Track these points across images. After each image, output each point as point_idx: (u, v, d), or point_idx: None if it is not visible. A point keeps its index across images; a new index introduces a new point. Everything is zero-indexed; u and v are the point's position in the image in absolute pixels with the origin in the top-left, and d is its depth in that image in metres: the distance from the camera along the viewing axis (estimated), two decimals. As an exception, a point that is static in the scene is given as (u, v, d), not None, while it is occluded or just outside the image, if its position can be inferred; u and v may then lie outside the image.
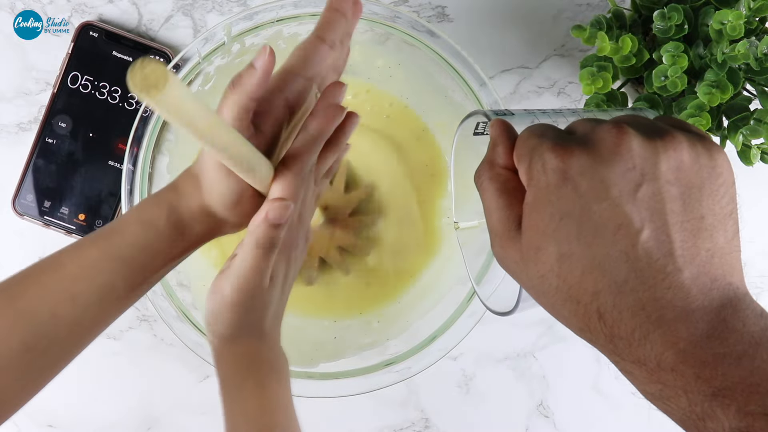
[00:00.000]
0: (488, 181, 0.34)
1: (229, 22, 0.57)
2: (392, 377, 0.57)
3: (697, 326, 0.28)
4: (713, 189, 0.30)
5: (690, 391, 0.27)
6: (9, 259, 0.65)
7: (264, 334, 0.44)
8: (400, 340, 0.60)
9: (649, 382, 0.29)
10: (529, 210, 0.32)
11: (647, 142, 0.30)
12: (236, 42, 0.57)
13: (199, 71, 0.58)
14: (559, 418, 0.66)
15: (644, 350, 0.29)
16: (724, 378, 0.27)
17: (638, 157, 0.29)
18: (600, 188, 0.30)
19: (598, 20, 0.53)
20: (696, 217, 0.29)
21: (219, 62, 0.58)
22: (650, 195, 0.29)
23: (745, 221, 0.67)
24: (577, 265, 0.30)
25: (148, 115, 0.57)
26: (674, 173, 0.30)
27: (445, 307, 0.59)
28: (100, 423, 0.65)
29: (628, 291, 0.29)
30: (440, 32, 0.58)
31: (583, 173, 0.30)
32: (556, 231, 0.30)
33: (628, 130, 0.30)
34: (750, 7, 0.50)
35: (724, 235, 0.30)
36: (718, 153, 0.31)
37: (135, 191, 0.56)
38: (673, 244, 0.29)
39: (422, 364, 0.57)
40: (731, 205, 0.30)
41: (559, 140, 0.31)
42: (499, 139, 0.34)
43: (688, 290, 0.29)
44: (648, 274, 0.29)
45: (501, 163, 0.34)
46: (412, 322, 0.62)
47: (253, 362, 0.43)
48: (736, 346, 0.27)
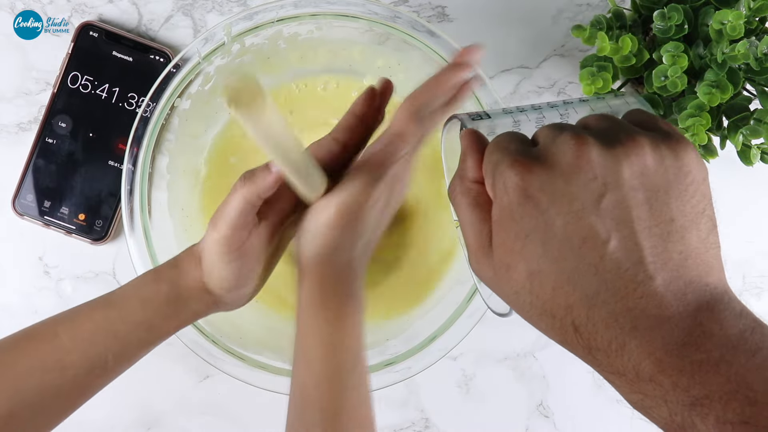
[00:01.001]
0: (460, 196, 0.34)
1: (229, 22, 0.57)
2: (392, 377, 0.57)
3: (673, 333, 0.27)
4: (681, 189, 0.29)
5: (669, 401, 0.27)
6: (9, 259, 0.65)
7: (353, 260, 0.44)
8: (400, 340, 0.60)
9: (631, 392, 0.28)
10: (496, 228, 0.31)
11: (607, 150, 0.29)
12: (236, 42, 0.57)
13: (199, 71, 0.58)
14: (559, 418, 0.66)
15: (622, 361, 0.28)
16: (702, 386, 0.26)
17: (599, 166, 0.29)
18: (562, 203, 0.29)
19: (598, 20, 0.53)
20: (665, 220, 0.29)
21: (219, 62, 0.58)
22: (614, 204, 0.29)
23: (746, 221, 0.67)
24: (548, 282, 0.30)
25: (148, 115, 0.57)
26: (638, 178, 0.29)
27: (445, 307, 0.59)
28: (99, 423, 0.65)
29: (600, 303, 0.28)
30: (440, 32, 0.58)
31: (543, 189, 0.29)
32: (523, 249, 0.30)
33: (587, 140, 0.29)
34: (750, 7, 0.50)
35: (697, 234, 0.29)
36: (685, 151, 0.30)
37: (135, 191, 0.56)
38: (643, 251, 0.28)
39: (422, 364, 0.57)
40: (703, 203, 0.30)
41: (520, 156, 0.30)
42: (469, 152, 0.34)
43: (662, 297, 0.28)
44: (619, 285, 0.28)
45: (471, 177, 0.34)
46: (412, 322, 0.62)
47: (338, 287, 0.43)
48: (713, 352, 0.27)
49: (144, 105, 0.57)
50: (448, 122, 0.39)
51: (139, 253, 0.57)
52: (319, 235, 0.43)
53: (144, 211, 0.57)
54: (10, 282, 0.65)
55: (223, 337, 0.57)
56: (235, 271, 0.43)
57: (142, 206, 0.57)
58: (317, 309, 0.42)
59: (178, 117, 0.59)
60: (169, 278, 0.44)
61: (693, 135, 0.51)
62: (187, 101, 0.59)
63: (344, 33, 0.60)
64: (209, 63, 0.58)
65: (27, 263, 0.65)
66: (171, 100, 0.57)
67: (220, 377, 0.59)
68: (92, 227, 0.63)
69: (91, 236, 0.63)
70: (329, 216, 0.42)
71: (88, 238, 0.63)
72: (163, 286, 0.44)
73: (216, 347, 0.57)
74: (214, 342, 0.57)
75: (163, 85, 0.57)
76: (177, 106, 0.58)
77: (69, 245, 0.64)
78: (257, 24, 0.57)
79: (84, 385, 0.42)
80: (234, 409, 0.65)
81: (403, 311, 0.63)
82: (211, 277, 0.44)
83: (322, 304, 0.42)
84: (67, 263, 0.64)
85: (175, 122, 0.59)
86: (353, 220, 0.42)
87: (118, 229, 0.64)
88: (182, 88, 0.57)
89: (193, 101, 0.59)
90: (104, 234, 0.63)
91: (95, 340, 0.42)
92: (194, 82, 0.58)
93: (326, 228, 0.42)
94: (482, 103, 0.57)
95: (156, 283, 0.44)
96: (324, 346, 0.41)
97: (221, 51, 0.57)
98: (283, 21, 0.57)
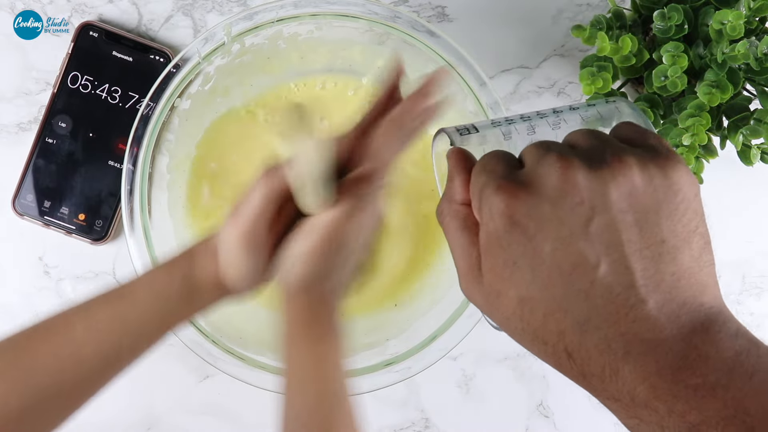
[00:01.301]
0: (448, 219, 0.33)
1: (229, 22, 0.57)
2: (392, 377, 0.57)
3: (667, 357, 0.27)
4: (672, 209, 0.28)
5: (666, 427, 0.27)
6: (9, 259, 0.65)
7: (335, 287, 0.44)
8: (400, 340, 0.60)
9: (627, 417, 0.28)
10: (484, 254, 0.31)
11: (593, 172, 0.28)
12: (236, 42, 0.57)
13: (199, 71, 0.58)
14: (559, 418, 0.66)
15: (617, 386, 0.28)
16: (698, 412, 0.26)
17: (585, 189, 0.28)
18: (549, 229, 0.28)
19: (598, 20, 0.53)
20: (656, 241, 0.28)
21: (219, 62, 0.58)
22: (603, 227, 0.28)
23: (745, 221, 0.67)
24: (538, 308, 0.29)
25: (148, 115, 0.57)
26: (627, 200, 0.28)
27: (444, 307, 0.59)
28: (99, 423, 0.65)
29: (592, 329, 0.28)
30: (440, 32, 0.58)
31: (530, 215, 0.29)
32: (512, 276, 0.29)
33: (572, 163, 0.28)
34: (750, 7, 0.50)
35: (689, 254, 0.28)
36: (674, 169, 0.29)
37: (135, 191, 0.56)
38: (634, 274, 0.28)
39: (422, 364, 0.57)
40: (695, 220, 0.29)
41: (505, 180, 0.30)
42: (455, 172, 0.33)
43: (656, 320, 0.27)
44: (610, 310, 0.28)
45: (459, 199, 0.33)
46: (412, 322, 0.62)
47: (320, 314, 0.43)
48: (708, 376, 0.26)
49: (144, 105, 0.57)
50: (436, 136, 0.38)
51: (139, 253, 0.57)
52: (301, 263, 0.43)
53: (144, 211, 0.57)
54: (10, 282, 0.65)
55: (223, 337, 0.57)
56: (254, 265, 0.43)
57: (142, 206, 0.57)
58: (301, 343, 0.42)
59: (178, 117, 0.59)
60: (183, 271, 0.44)
61: (693, 135, 0.51)
62: (187, 101, 0.59)
63: (344, 33, 0.60)
64: (209, 63, 0.58)
65: (27, 263, 0.65)
66: (171, 100, 0.57)
67: (220, 377, 0.58)
68: (92, 227, 0.63)
69: (91, 236, 0.63)
70: (313, 242, 0.42)
71: (88, 238, 0.63)
72: (176, 279, 0.44)
73: (216, 347, 0.57)
74: (214, 342, 0.57)
75: (163, 85, 0.57)
76: (177, 106, 0.58)
77: (69, 245, 0.64)
78: (257, 24, 0.57)
79: (97, 379, 0.42)
80: (234, 409, 0.65)
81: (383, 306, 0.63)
82: (228, 271, 0.44)
83: (305, 336, 0.42)
84: (67, 263, 0.64)
85: (175, 122, 0.59)
86: (339, 247, 0.42)
87: (118, 229, 0.64)
88: (182, 88, 0.57)
89: (193, 101, 0.59)
90: (104, 234, 0.63)
91: (109, 331, 0.42)
92: (194, 82, 0.58)
93: (309, 255, 0.42)
94: (482, 103, 0.57)
95: (169, 276, 0.44)
96: (310, 370, 0.42)
97: (221, 51, 0.57)
98: (283, 21, 0.57)
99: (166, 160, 0.60)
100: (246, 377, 0.56)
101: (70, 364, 0.41)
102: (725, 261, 0.66)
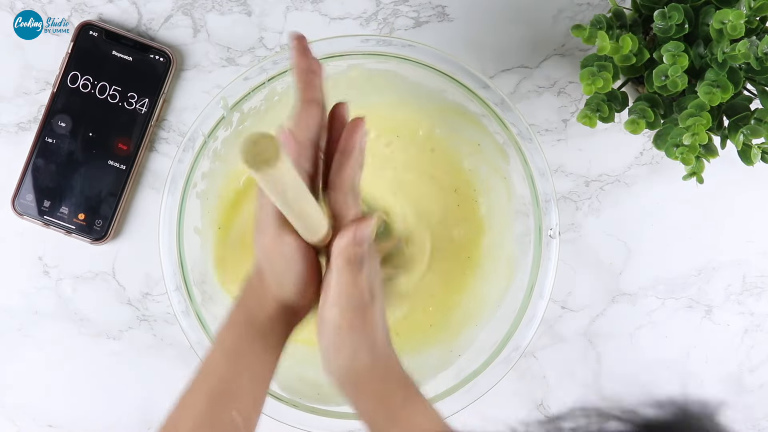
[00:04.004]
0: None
1: (224, 95, 0.57)
2: (465, 398, 0.58)
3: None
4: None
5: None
6: (9, 259, 0.65)
7: (391, 348, 0.45)
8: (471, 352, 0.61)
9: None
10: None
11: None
12: (235, 111, 0.57)
13: (207, 149, 0.58)
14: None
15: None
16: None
17: None
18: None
19: (598, 19, 0.53)
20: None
21: (223, 134, 0.58)
22: None
23: (746, 221, 0.67)
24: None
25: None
26: None
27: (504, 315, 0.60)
28: (99, 423, 0.65)
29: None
30: (426, 44, 0.57)
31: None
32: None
33: None
34: (750, 7, 0.50)
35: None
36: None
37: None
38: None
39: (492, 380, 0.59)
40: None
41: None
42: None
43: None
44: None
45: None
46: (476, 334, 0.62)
47: (399, 379, 0.44)
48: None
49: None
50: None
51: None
52: (345, 344, 0.43)
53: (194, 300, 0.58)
54: (10, 282, 0.65)
55: (302, 399, 0.58)
56: (299, 267, 0.43)
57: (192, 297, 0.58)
58: (393, 413, 0.43)
59: (199, 199, 0.59)
60: (245, 321, 0.44)
61: (693, 134, 0.50)
62: (204, 181, 0.59)
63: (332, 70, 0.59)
64: (214, 139, 0.58)
65: (27, 263, 0.65)
66: (188, 188, 0.57)
67: (220, 377, 0.58)
68: (92, 227, 0.63)
69: (90, 236, 0.63)
70: (338, 320, 0.43)
71: (88, 238, 0.63)
72: (244, 334, 0.44)
73: (297, 410, 0.57)
74: (295, 405, 0.57)
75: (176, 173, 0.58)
76: (197, 184, 0.59)
77: (69, 245, 0.64)
78: (251, 88, 0.57)
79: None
80: (234, 409, 0.65)
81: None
82: (284, 287, 0.44)
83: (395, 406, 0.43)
84: (66, 263, 0.64)
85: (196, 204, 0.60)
86: (363, 315, 0.43)
87: (118, 229, 0.64)
88: (195, 169, 0.58)
89: (209, 181, 0.60)
90: (104, 234, 0.63)
91: (208, 414, 0.42)
92: (204, 159, 0.58)
93: (346, 332, 0.43)
94: (489, 104, 0.58)
95: (234, 331, 0.44)
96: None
97: (223, 124, 0.57)
98: (273, 79, 0.57)
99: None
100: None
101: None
102: (725, 261, 0.66)
